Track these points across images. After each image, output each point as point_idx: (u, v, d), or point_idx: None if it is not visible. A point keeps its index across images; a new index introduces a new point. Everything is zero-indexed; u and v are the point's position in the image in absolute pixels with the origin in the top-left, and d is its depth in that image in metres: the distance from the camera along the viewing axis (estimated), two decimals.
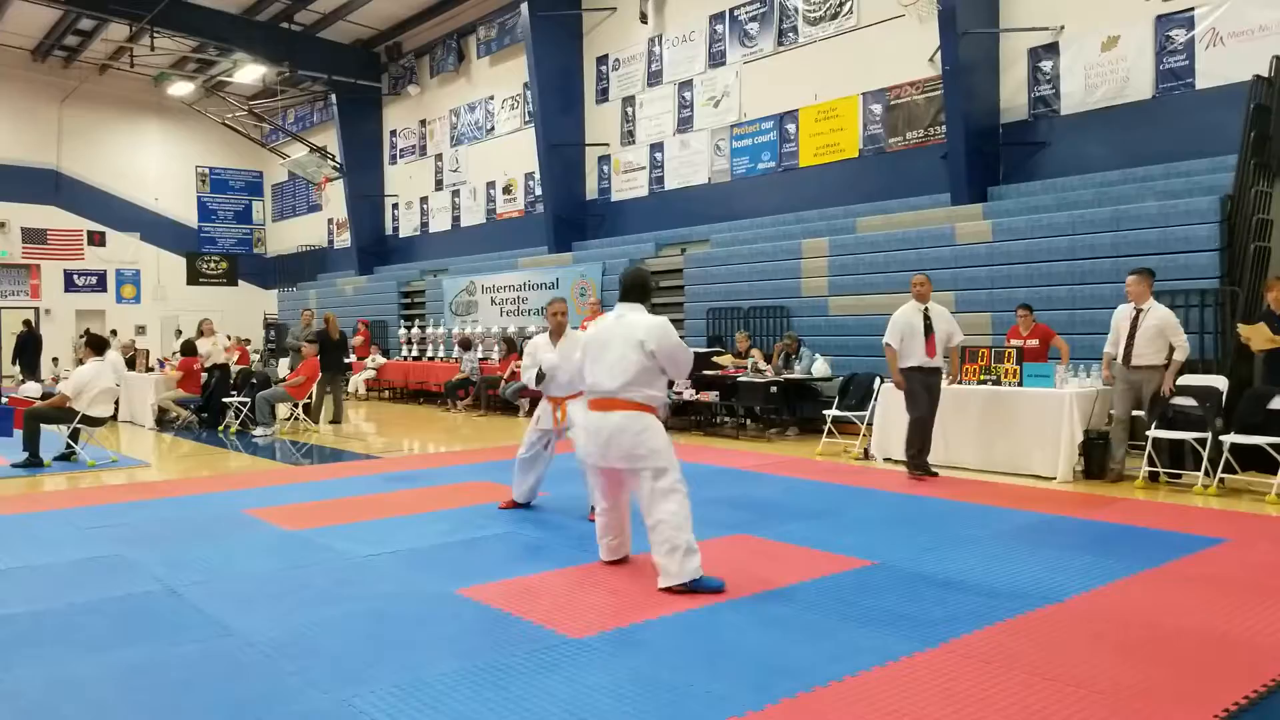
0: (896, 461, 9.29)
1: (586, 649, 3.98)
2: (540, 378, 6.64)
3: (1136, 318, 8.06)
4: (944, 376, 8.64)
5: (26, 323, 23.61)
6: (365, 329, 20.54)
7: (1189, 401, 7.91)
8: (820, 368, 11.60)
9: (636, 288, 5.16)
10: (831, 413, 10.35)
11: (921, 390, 8.24)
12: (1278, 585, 4.80)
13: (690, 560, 4.73)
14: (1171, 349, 7.96)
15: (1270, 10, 9.98)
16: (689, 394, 12.36)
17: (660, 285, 15.72)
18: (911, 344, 8.21)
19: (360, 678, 3.68)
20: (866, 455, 9.68)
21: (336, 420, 14.21)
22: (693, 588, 4.71)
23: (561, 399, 6.65)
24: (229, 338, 20.33)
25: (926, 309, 8.31)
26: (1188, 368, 8.26)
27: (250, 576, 5.22)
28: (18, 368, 22.20)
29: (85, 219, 27.24)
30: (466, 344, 16.80)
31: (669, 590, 4.73)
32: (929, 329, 8.21)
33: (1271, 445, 7.32)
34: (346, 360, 15.94)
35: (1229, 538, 5.87)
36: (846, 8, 13.83)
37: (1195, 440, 7.77)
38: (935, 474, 8.32)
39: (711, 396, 12.14)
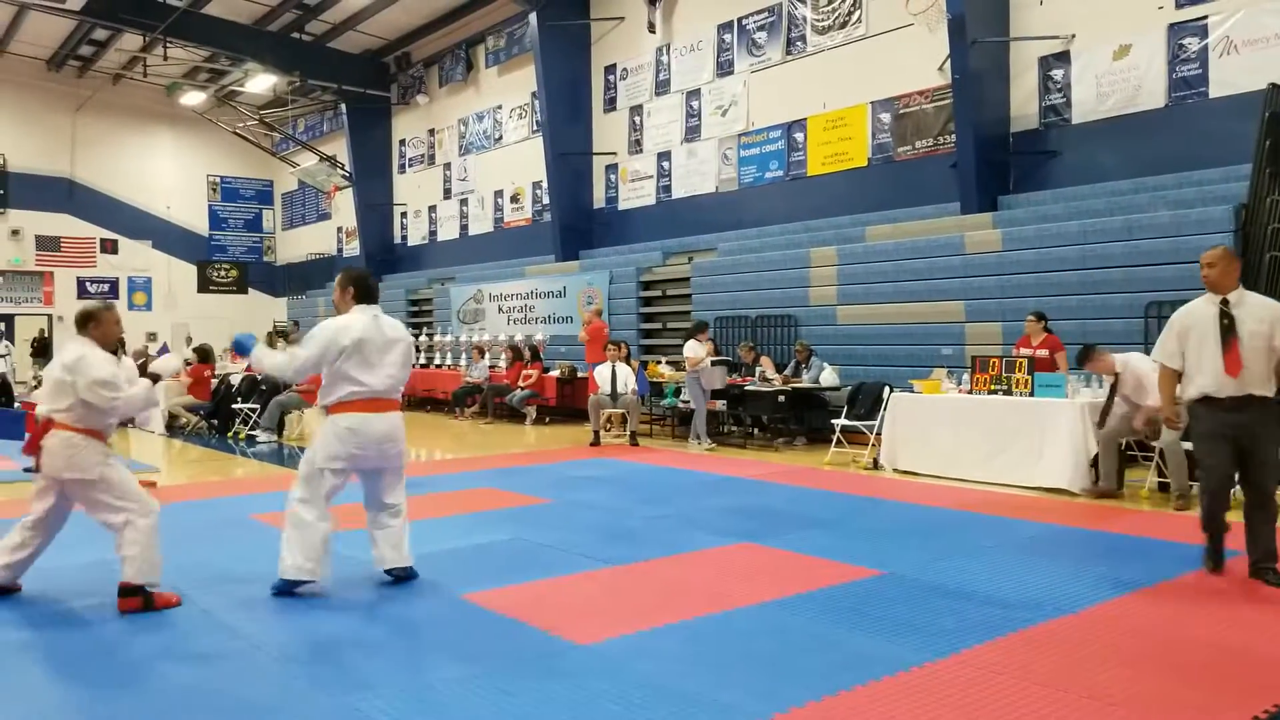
0: (905, 472, 9.24)
1: (594, 655, 3.95)
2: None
3: None
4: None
5: (42, 331, 23.57)
6: None
7: None
8: (828, 377, 11.55)
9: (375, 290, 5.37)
10: (840, 422, 10.30)
11: (1220, 438, 5.04)
12: None
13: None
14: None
15: None
16: None
17: (667, 294, 15.74)
18: (1200, 358, 5.09)
19: (367, 682, 3.65)
20: (875, 465, 9.62)
21: None
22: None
23: None
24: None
25: (1225, 301, 5.06)
26: None
27: (258, 581, 5.19)
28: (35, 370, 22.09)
29: (98, 227, 27.43)
30: (482, 352, 16.83)
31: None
32: (1229, 331, 4.98)
33: None
34: None
35: (1244, 550, 5.79)
36: (855, 17, 13.83)
37: None
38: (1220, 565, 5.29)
39: (719, 405, 12.10)
